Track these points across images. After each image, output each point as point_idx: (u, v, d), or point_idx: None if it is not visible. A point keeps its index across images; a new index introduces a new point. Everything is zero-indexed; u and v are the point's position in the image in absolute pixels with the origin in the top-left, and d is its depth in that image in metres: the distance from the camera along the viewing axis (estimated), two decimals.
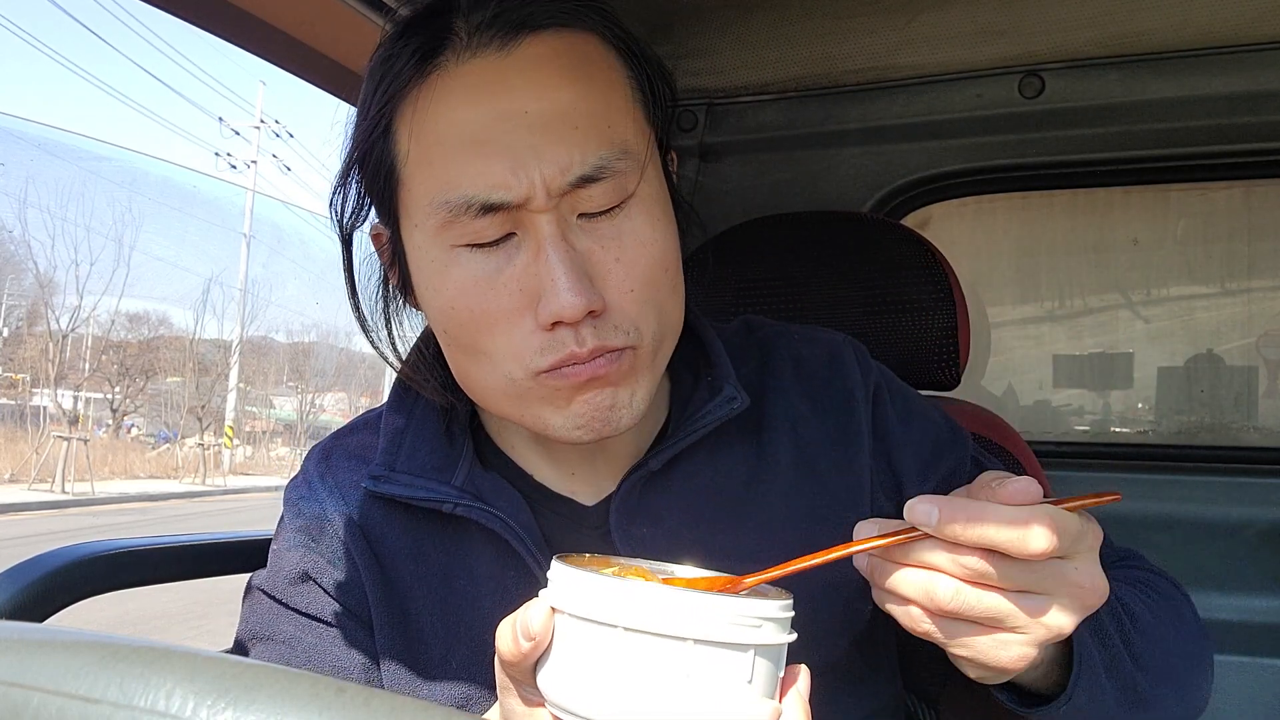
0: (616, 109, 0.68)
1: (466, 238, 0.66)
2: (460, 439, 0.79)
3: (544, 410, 0.69)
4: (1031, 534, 0.50)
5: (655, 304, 0.69)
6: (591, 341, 0.65)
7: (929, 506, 0.52)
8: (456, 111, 0.65)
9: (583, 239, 0.67)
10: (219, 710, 0.26)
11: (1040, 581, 0.53)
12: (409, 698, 0.28)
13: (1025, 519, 0.51)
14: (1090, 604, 0.55)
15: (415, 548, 0.77)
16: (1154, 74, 1.35)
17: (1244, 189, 1.73)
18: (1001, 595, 0.53)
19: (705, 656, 0.45)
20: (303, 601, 0.77)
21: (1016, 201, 1.87)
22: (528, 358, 0.67)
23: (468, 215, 0.65)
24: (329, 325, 41.60)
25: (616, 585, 0.46)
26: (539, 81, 0.65)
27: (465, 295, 0.67)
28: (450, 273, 0.68)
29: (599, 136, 0.66)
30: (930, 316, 1.15)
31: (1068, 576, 0.54)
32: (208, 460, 21.58)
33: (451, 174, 0.65)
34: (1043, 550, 0.50)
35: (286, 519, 0.81)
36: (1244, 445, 1.76)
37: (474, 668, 0.74)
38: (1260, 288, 1.79)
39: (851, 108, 1.50)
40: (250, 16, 1.04)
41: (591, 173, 0.65)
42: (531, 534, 0.73)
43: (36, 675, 0.28)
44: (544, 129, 0.64)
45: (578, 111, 0.65)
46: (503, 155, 0.64)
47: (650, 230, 0.69)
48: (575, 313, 0.64)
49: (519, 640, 0.49)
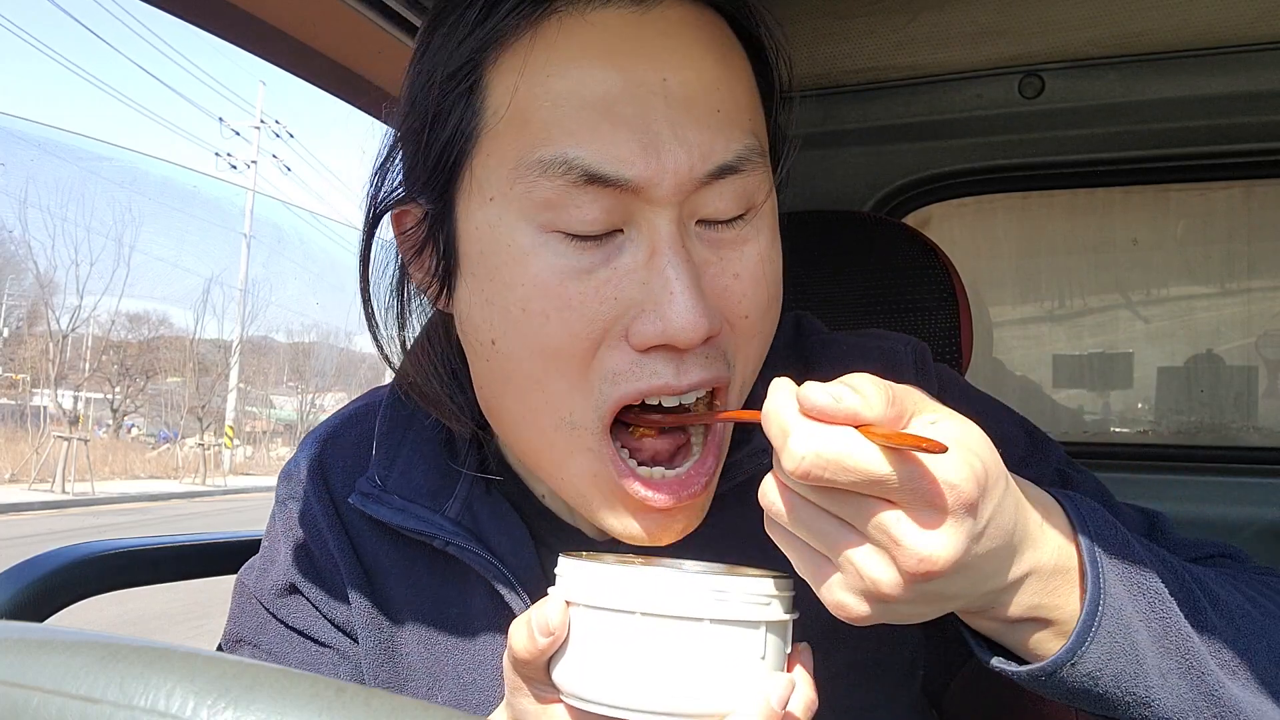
0: (752, 100, 0.59)
1: (561, 221, 0.54)
2: (464, 450, 0.71)
3: (597, 500, 0.59)
4: (786, 450, 0.43)
5: (763, 339, 0.60)
6: (695, 373, 0.55)
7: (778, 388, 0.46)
8: (578, 69, 0.53)
9: (700, 249, 0.56)
10: (219, 710, 0.26)
11: (853, 514, 0.45)
12: (409, 698, 0.28)
13: (787, 432, 0.44)
14: (909, 568, 0.44)
15: (407, 570, 0.72)
16: (1154, 74, 1.35)
17: (1244, 189, 1.73)
18: (816, 509, 0.46)
19: (721, 635, 0.46)
20: (289, 614, 0.75)
21: (1016, 201, 1.86)
22: (598, 385, 0.55)
23: (565, 181, 0.52)
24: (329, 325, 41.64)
25: (631, 573, 0.47)
26: (681, 49, 0.55)
27: (546, 294, 0.54)
28: (531, 264, 0.55)
29: (741, 125, 0.56)
30: (932, 316, 1.15)
31: (883, 524, 0.44)
32: (208, 460, 21.58)
33: (556, 131, 0.53)
34: (791, 469, 0.43)
35: (278, 519, 0.77)
36: (1244, 445, 1.76)
37: (461, 705, 0.70)
38: (1260, 288, 1.79)
39: (851, 108, 1.50)
40: (250, 16, 1.03)
41: (734, 162, 0.55)
42: (530, 574, 0.66)
43: (36, 675, 0.28)
44: (685, 105, 0.54)
45: (720, 93, 0.55)
46: (633, 128, 0.52)
47: (771, 246, 0.59)
48: (694, 336, 0.53)
49: (535, 637, 0.48)
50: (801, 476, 0.43)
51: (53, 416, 20.97)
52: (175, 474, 21.68)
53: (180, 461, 22.52)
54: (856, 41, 1.34)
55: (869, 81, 1.47)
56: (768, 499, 0.47)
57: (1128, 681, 0.52)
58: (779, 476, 0.47)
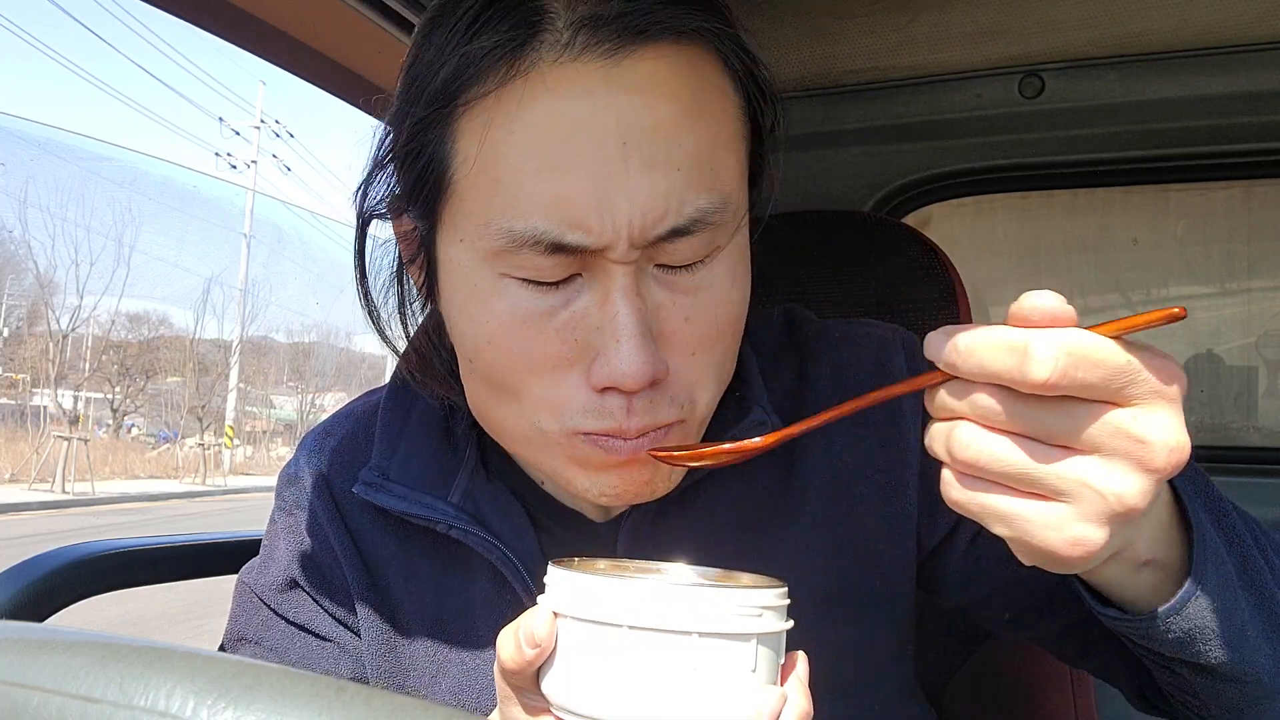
0: (724, 149, 0.58)
1: (524, 271, 0.56)
2: (463, 442, 0.73)
3: (570, 469, 0.61)
4: (1032, 358, 0.41)
5: (715, 366, 0.62)
6: (643, 419, 0.57)
7: (939, 336, 0.45)
8: (540, 124, 0.54)
9: (656, 291, 0.58)
10: (219, 710, 0.26)
11: (1078, 431, 0.42)
12: (409, 697, 0.28)
13: (1022, 347, 0.41)
14: (1159, 464, 0.42)
15: (407, 561, 0.73)
16: (1154, 74, 1.35)
17: (1244, 189, 1.73)
18: (1026, 445, 0.43)
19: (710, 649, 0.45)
20: (290, 610, 0.75)
21: (1016, 201, 1.86)
22: (567, 415, 0.58)
23: (532, 250, 0.55)
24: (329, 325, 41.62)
25: (618, 585, 0.46)
26: (645, 105, 0.54)
27: (508, 334, 0.58)
28: (494, 304, 0.58)
29: (701, 182, 0.56)
30: (932, 316, 1.15)
31: (1121, 426, 0.42)
32: (208, 460, 21.58)
33: (521, 198, 0.54)
34: (1044, 379, 0.40)
35: (278, 516, 0.78)
36: (1244, 445, 1.76)
37: (463, 693, 0.70)
38: (1260, 288, 1.79)
39: (851, 108, 1.50)
40: (250, 16, 1.04)
41: (685, 225, 0.55)
42: (531, 560, 0.68)
43: (37, 675, 0.28)
44: (642, 167, 0.54)
45: (682, 150, 0.55)
46: (588, 189, 0.53)
47: (729, 288, 0.60)
48: (637, 383, 0.55)
49: (522, 648, 0.48)
50: (1058, 379, 0.40)
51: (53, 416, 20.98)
52: (175, 474, 21.68)
53: (180, 461, 22.52)
54: (856, 41, 1.34)
55: (869, 81, 1.47)
56: (970, 448, 0.44)
57: (1228, 615, 0.53)
58: (976, 418, 0.44)
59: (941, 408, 0.46)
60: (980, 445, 0.44)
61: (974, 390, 0.44)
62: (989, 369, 0.42)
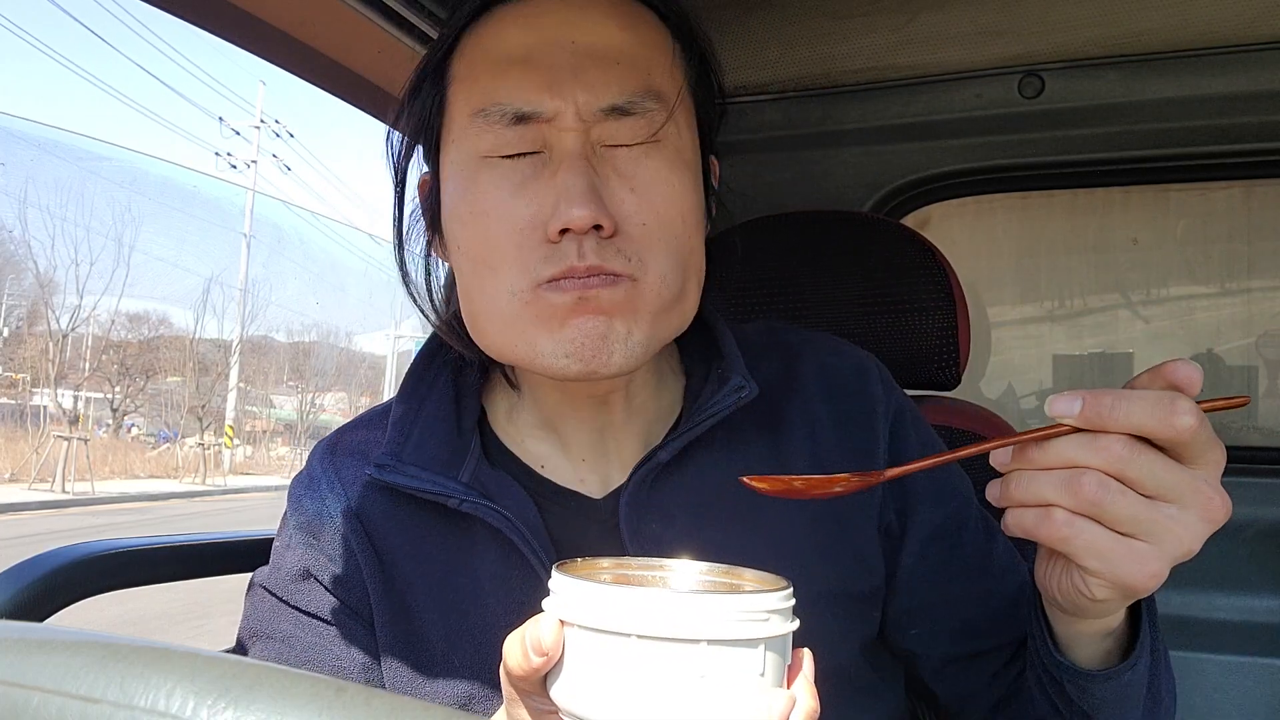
0: (657, 63, 0.72)
1: (497, 148, 0.69)
2: (469, 434, 0.78)
3: (537, 334, 0.69)
4: (1177, 411, 0.51)
5: (667, 248, 0.70)
6: (591, 258, 0.67)
7: (1071, 397, 0.53)
8: (509, 36, 0.71)
9: (604, 165, 0.69)
10: (219, 710, 0.26)
11: (1176, 486, 0.52)
12: (409, 698, 0.28)
13: (1170, 399, 0.51)
14: (1217, 519, 0.53)
15: (416, 545, 0.76)
16: (1154, 74, 1.35)
17: (1244, 189, 1.73)
18: (1139, 498, 0.53)
19: (718, 655, 0.46)
20: (304, 599, 0.77)
21: (1016, 201, 1.87)
22: (532, 265, 0.68)
23: (501, 124, 0.69)
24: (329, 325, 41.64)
25: (625, 595, 0.47)
26: (589, 20, 0.71)
27: (490, 202, 0.70)
28: (477, 180, 0.71)
29: (636, 77, 0.70)
30: (930, 316, 1.15)
31: (1199, 486, 0.53)
32: (208, 460, 21.58)
33: (493, 87, 0.70)
34: (1189, 426, 0.51)
35: (289, 515, 0.81)
36: (1244, 445, 1.76)
37: (477, 666, 0.74)
38: (1260, 288, 1.79)
39: (851, 108, 1.50)
40: (250, 16, 1.04)
41: (623, 104, 0.69)
42: (537, 533, 0.73)
43: (37, 675, 0.28)
44: (586, 56, 0.69)
45: (620, 50, 0.70)
46: (543, 73, 0.68)
47: (670, 173, 0.71)
48: (582, 222, 0.66)
49: (530, 656, 0.49)
50: (1198, 427, 0.51)
51: (53, 416, 20.98)
52: (175, 474, 21.68)
53: (180, 461, 22.53)
54: (856, 41, 1.34)
55: (869, 81, 1.47)
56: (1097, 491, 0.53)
57: (1139, 690, 0.67)
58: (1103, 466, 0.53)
59: (1061, 457, 0.54)
60: (1106, 490, 0.53)
61: (1104, 440, 0.52)
62: (1138, 420, 0.52)
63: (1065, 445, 0.54)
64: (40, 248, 30.24)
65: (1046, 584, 0.61)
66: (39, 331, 25.70)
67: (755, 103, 1.54)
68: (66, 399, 22.45)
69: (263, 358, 35.92)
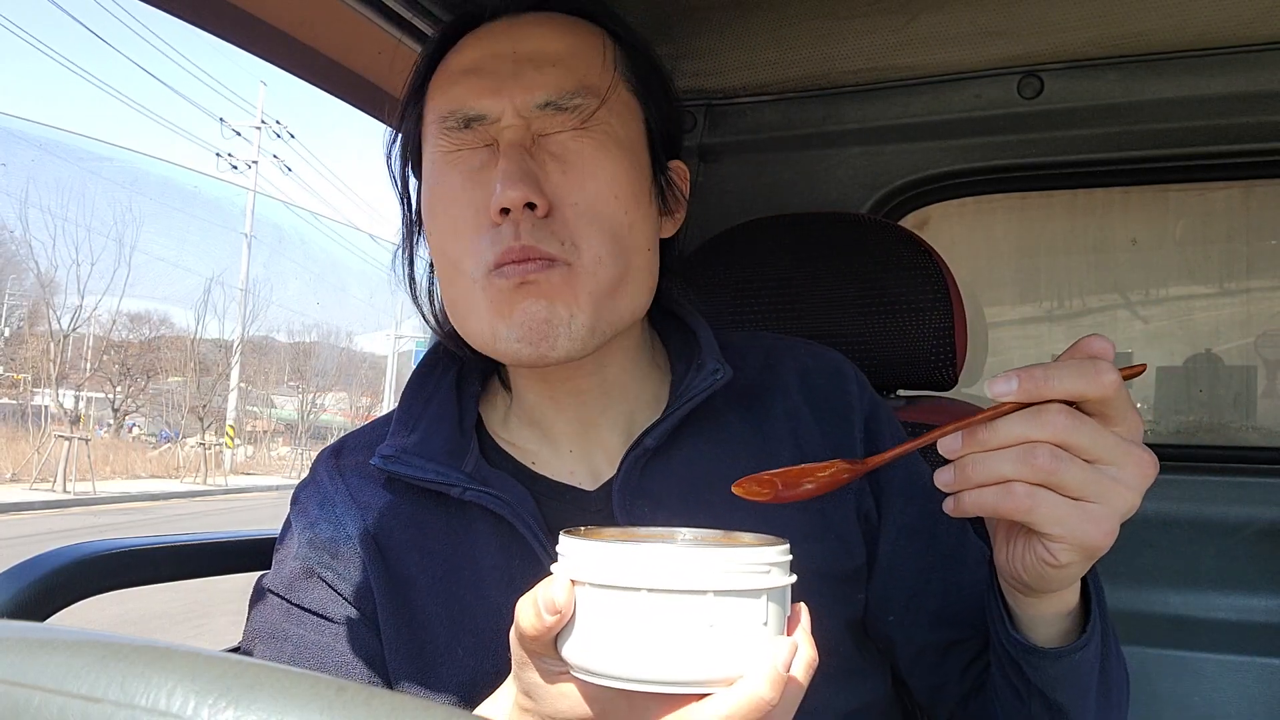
0: (590, 63, 0.79)
1: (453, 146, 0.77)
2: (469, 434, 0.82)
3: (495, 319, 0.75)
4: (1102, 370, 0.56)
5: (600, 228, 0.75)
6: (525, 238, 0.72)
7: (1007, 377, 0.57)
8: (465, 53, 0.79)
9: (540, 152, 0.76)
10: (220, 709, 0.26)
11: (1113, 449, 0.57)
12: (410, 697, 0.28)
13: (1093, 363, 0.57)
14: (1149, 474, 0.58)
15: (419, 538, 0.79)
16: (1153, 74, 1.35)
17: (1243, 189, 1.73)
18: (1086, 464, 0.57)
19: (725, 606, 0.48)
20: (307, 598, 0.79)
21: (1016, 201, 1.87)
22: (480, 251, 0.74)
23: (456, 126, 0.77)
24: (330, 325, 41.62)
25: (635, 550, 0.49)
26: (531, 34, 0.79)
27: (449, 193, 0.77)
28: (441, 176, 0.78)
29: (571, 76, 0.77)
30: (927, 317, 1.15)
31: (1129, 447, 0.58)
32: (209, 460, 21.57)
33: (450, 96, 0.78)
34: (1114, 381, 0.56)
35: (292, 516, 0.83)
36: (1243, 445, 1.76)
37: (480, 654, 0.75)
38: (1259, 288, 1.79)
39: (850, 108, 1.50)
40: (250, 16, 1.04)
41: (557, 100, 0.76)
42: (535, 519, 0.76)
43: (37, 675, 0.28)
44: (525, 62, 0.77)
45: (557, 55, 0.78)
46: (488, 80, 0.77)
47: (600, 156, 0.76)
48: (515, 201, 0.71)
49: (542, 615, 0.51)
50: (1118, 386, 0.57)
51: (54, 416, 20.98)
52: (176, 473, 21.68)
53: (181, 461, 22.52)
54: (856, 41, 1.34)
55: (868, 81, 1.47)
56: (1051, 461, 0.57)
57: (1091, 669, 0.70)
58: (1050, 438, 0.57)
59: (1011, 435, 0.57)
60: (1059, 460, 0.57)
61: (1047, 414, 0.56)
62: (1070, 386, 0.56)
63: (1013, 423, 0.57)
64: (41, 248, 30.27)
65: (1009, 564, 0.64)
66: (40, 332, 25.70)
67: (755, 103, 1.54)
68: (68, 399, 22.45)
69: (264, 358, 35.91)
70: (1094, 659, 0.70)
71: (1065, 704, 0.71)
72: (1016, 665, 0.71)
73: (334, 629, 0.78)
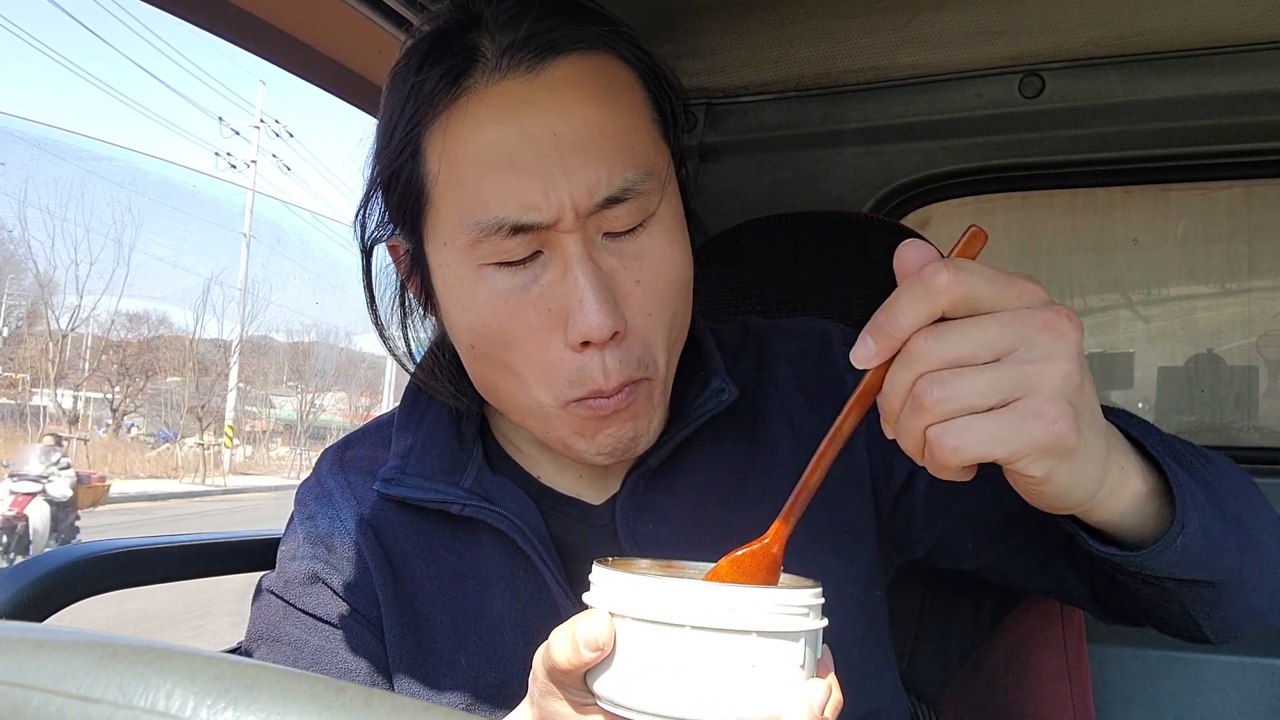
0: (639, 130, 0.70)
1: (495, 256, 0.67)
2: (471, 443, 0.81)
3: (571, 438, 0.72)
4: (927, 277, 0.50)
5: (668, 325, 0.72)
6: (617, 378, 0.68)
7: (860, 343, 0.52)
8: (486, 132, 0.66)
9: (607, 258, 0.68)
10: (219, 710, 0.26)
11: (1001, 333, 0.50)
12: (409, 698, 0.28)
13: (915, 277, 0.51)
14: (1063, 332, 0.50)
15: (426, 549, 0.78)
16: (1154, 74, 1.35)
17: (1244, 189, 1.73)
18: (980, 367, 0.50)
19: (766, 647, 0.48)
20: (311, 603, 0.78)
21: (1016, 201, 1.87)
22: (558, 388, 0.69)
23: (499, 235, 0.66)
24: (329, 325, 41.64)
25: (680, 587, 0.49)
26: (567, 103, 0.66)
27: (495, 312, 0.69)
28: (479, 290, 0.69)
29: (624, 158, 0.67)
30: None
31: (1021, 315, 0.50)
32: (208, 460, 21.59)
33: (483, 195, 0.66)
34: (947, 280, 0.49)
35: (297, 520, 0.82)
36: (1244, 445, 1.76)
37: (483, 667, 0.75)
38: (1260, 288, 1.79)
39: (851, 108, 1.50)
40: (250, 16, 1.04)
41: (617, 193, 0.66)
42: (539, 534, 0.75)
43: (37, 675, 0.28)
44: (573, 151, 0.65)
45: (604, 133, 0.67)
46: (533, 177, 0.65)
47: (669, 249, 0.71)
48: (603, 334, 0.66)
49: (580, 651, 0.49)
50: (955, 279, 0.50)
51: (52, 416, 20.98)
52: (175, 474, 21.68)
53: (180, 461, 22.53)
54: (856, 41, 1.34)
55: (869, 81, 1.47)
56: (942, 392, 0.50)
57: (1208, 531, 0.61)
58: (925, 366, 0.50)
59: (897, 392, 0.52)
60: (938, 382, 0.50)
61: (907, 349, 0.51)
62: (911, 313, 0.50)
63: (888, 380, 0.52)
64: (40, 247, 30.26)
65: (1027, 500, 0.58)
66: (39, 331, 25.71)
67: (755, 103, 1.54)
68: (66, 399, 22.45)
69: (262, 358, 35.92)
70: (1198, 534, 0.61)
71: (1202, 578, 0.64)
72: (1121, 569, 0.65)
73: (337, 635, 0.78)
